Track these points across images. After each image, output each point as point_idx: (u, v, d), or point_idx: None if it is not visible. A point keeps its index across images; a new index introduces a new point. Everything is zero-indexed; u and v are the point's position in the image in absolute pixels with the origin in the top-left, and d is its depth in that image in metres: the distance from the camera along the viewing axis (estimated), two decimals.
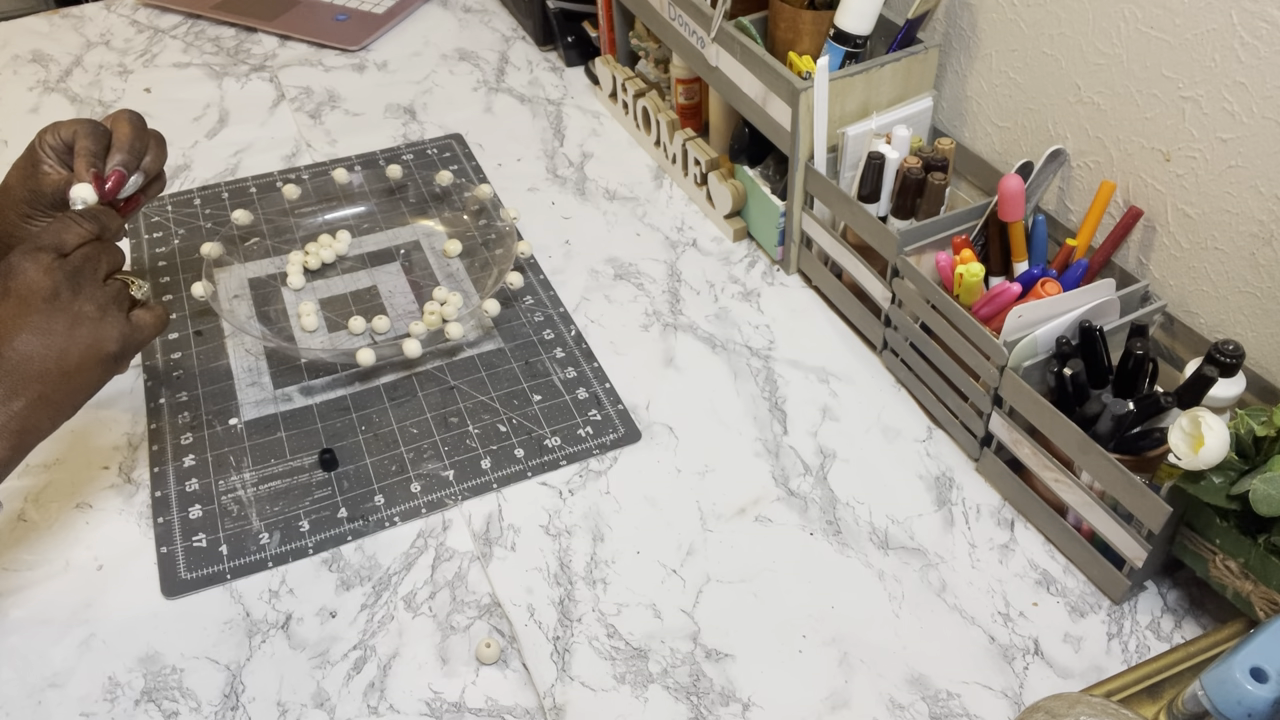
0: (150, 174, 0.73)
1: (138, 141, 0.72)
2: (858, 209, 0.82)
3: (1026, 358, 0.70)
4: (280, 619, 0.68)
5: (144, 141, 0.73)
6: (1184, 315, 0.75)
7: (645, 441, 0.80)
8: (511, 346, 0.88)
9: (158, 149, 0.74)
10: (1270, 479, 0.57)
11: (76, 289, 0.62)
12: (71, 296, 0.62)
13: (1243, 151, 0.67)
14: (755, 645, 0.67)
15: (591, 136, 1.13)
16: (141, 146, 0.72)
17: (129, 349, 0.65)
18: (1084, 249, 0.76)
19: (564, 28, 1.23)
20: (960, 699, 0.64)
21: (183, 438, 0.80)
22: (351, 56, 1.28)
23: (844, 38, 0.86)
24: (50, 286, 0.61)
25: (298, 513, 0.74)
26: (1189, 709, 0.56)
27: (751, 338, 0.89)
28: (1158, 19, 0.70)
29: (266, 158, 1.10)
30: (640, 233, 1.00)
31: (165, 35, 1.32)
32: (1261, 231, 0.68)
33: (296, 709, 0.64)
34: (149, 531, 0.73)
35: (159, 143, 0.74)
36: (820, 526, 0.74)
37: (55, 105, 1.18)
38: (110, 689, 0.64)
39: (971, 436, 0.77)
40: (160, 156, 0.74)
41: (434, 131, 1.14)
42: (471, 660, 0.66)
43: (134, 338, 0.65)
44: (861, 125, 0.85)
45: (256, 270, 0.94)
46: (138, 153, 0.72)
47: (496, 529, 0.74)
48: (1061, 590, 0.70)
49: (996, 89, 0.86)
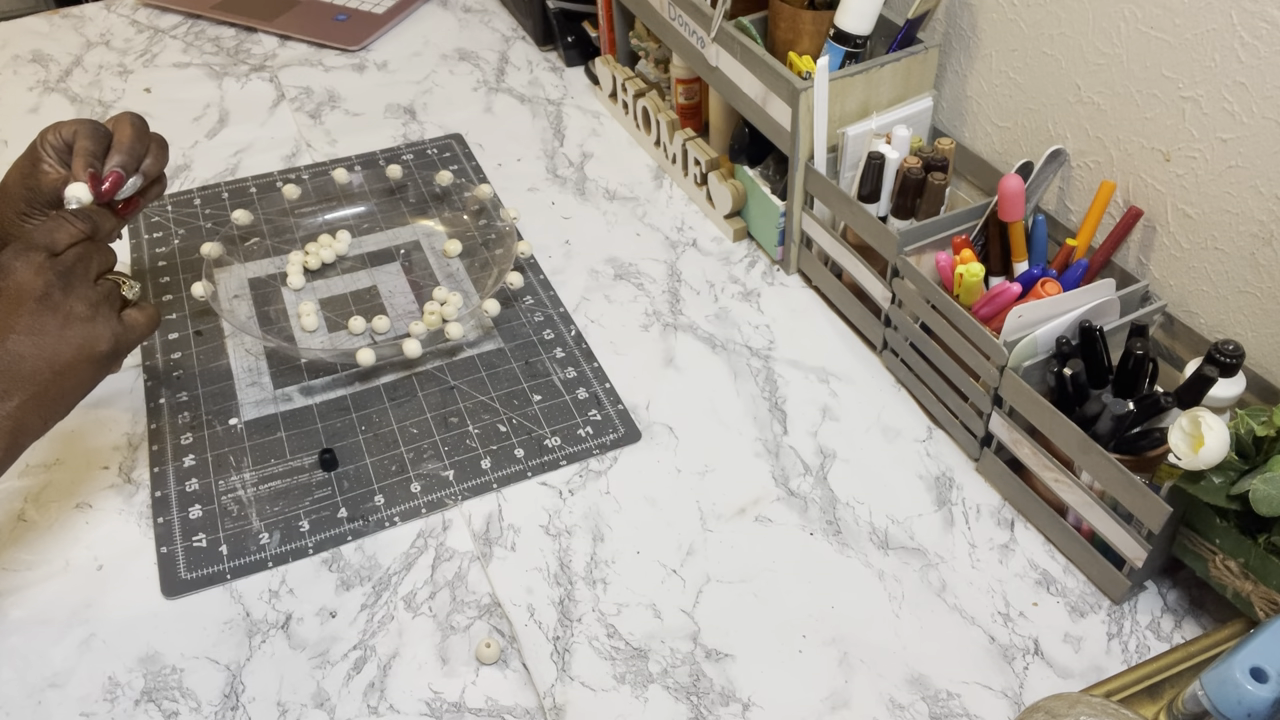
0: (150, 176, 0.73)
1: (138, 144, 0.72)
2: (858, 209, 0.82)
3: (1026, 358, 0.70)
4: (280, 619, 0.68)
5: (144, 144, 0.73)
6: (1184, 315, 0.75)
7: (645, 441, 0.80)
8: (511, 346, 0.88)
9: (158, 152, 0.74)
10: (1270, 479, 0.57)
11: (68, 288, 0.62)
12: (63, 296, 0.62)
13: (1243, 151, 0.67)
14: (755, 645, 0.67)
15: (591, 136, 1.13)
16: (142, 149, 0.72)
17: (121, 349, 0.65)
18: (1084, 249, 0.76)
19: (564, 28, 1.23)
20: (960, 699, 0.64)
21: (183, 438, 0.80)
22: (351, 56, 1.28)
23: (844, 38, 0.86)
24: (41, 286, 0.61)
25: (298, 513, 0.74)
26: (1189, 709, 0.56)
27: (751, 338, 0.89)
28: (1158, 19, 0.70)
29: (266, 158, 1.10)
30: (640, 233, 1.00)
31: (165, 35, 1.32)
32: (1261, 231, 0.68)
33: (296, 709, 0.64)
34: (149, 531, 0.73)
35: (160, 146, 0.74)
36: (820, 526, 0.74)
37: (55, 105, 1.18)
38: (110, 689, 0.64)
39: (971, 436, 0.77)
40: (161, 160, 0.74)
41: (434, 131, 1.14)
42: (471, 660, 0.66)
43: (126, 337, 0.65)
44: (861, 125, 0.85)
45: (256, 270, 0.94)
46: (137, 155, 0.72)
47: (496, 529, 0.74)
48: (1061, 590, 0.70)
49: (996, 89, 0.86)
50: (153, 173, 0.73)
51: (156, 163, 0.73)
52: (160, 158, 0.74)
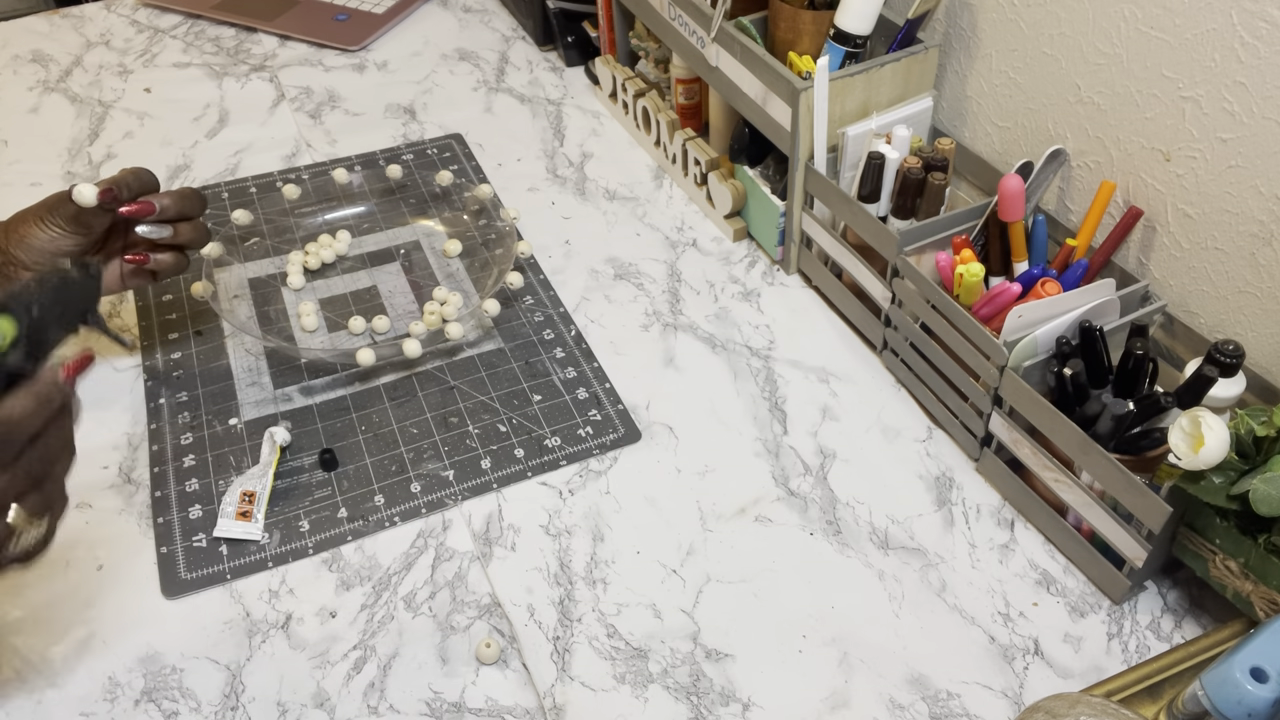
0: (167, 213, 0.77)
1: (169, 199, 0.77)
2: (858, 209, 0.82)
3: (1026, 358, 0.70)
4: (280, 619, 0.68)
5: (177, 198, 0.77)
6: (1184, 315, 0.75)
7: (645, 441, 0.80)
8: (511, 346, 0.88)
9: (182, 201, 0.78)
10: (1270, 479, 0.57)
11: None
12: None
13: (1243, 151, 0.67)
14: (755, 645, 0.67)
15: (591, 136, 1.13)
16: (170, 201, 0.77)
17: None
18: (1084, 249, 0.76)
19: (564, 28, 1.23)
20: (960, 699, 0.64)
21: (183, 438, 0.80)
22: (351, 56, 1.28)
23: (844, 38, 0.86)
24: None
25: (298, 513, 0.74)
26: (1189, 709, 0.56)
27: (751, 338, 0.89)
28: (1158, 19, 0.70)
29: (266, 158, 1.10)
30: (640, 233, 1.00)
31: (165, 35, 1.32)
32: (1261, 231, 0.68)
33: (296, 709, 0.64)
34: (149, 531, 0.73)
35: (188, 199, 0.78)
36: (820, 526, 0.74)
37: (55, 105, 1.18)
38: (110, 689, 0.64)
39: (971, 436, 0.77)
40: (185, 203, 0.78)
41: (434, 131, 1.14)
42: (471, 660, 0.66)
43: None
44: (861, 125, 0.85)
45: (256, 270, 0.94)
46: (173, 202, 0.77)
47: (496, 529, 0.74)
48: (1061, 590, 0.70)
49: (996, 89, 0.86)
50: (171, 211, 0.77)
51: (178, 204, 0.77)
52: (186, 204, 0.78)
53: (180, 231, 0.79)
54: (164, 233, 0.78)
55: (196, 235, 0.80)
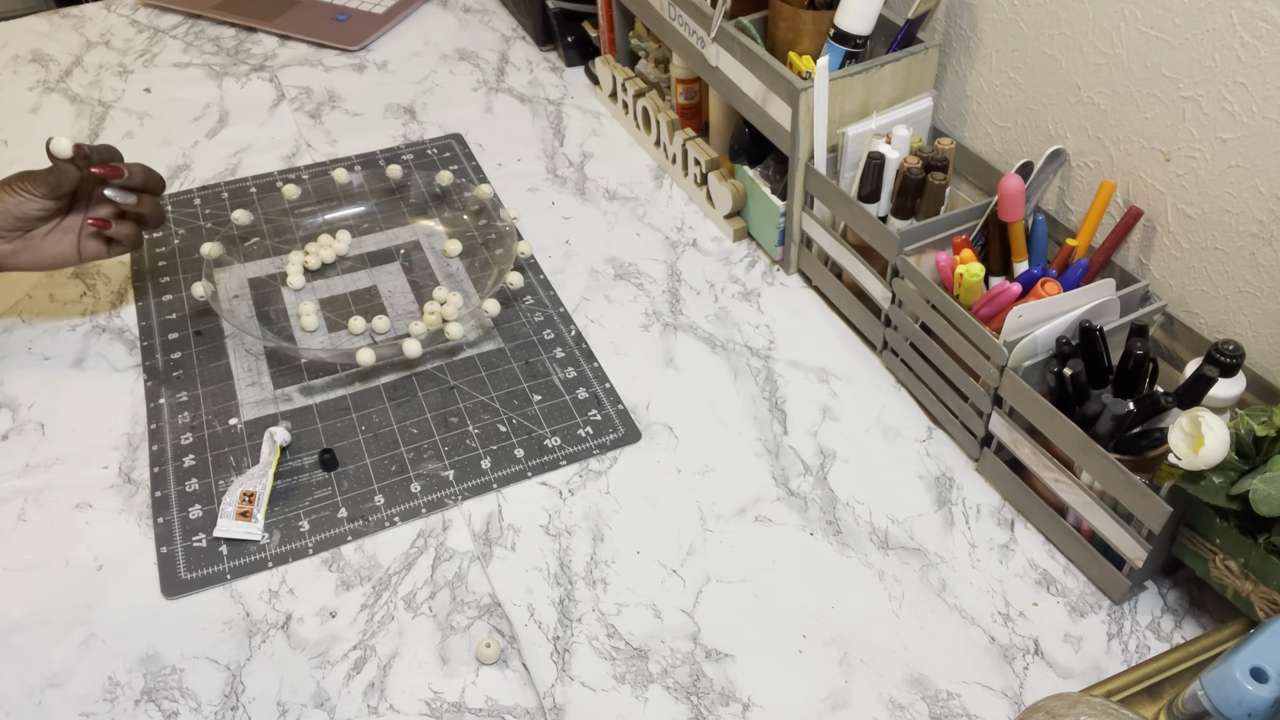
0: (133, 179, 0.81)
1: (136, 167, 0.82)
2: (858, 209, 0.82)
3: (1026, 358, 0.70)
4: (280, 619, 0.68)
5: (142, 169, 0.83)
6: (1184, 315, 0.75)
7: (645, 441, 0.80)
8: (511, 346, 0.88)
9: (147, 174, 0.83)
10: (1270, 479, 0.57)
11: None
12: None
13: (1243, 151, 0.67)
14: (755, 645, 0.67)
15: (591, 136, 1.13)
16: (136, 169, 0.82)
17: None
18: (1084, 249, 0.76)
19: (564, 28, 1.23)
20: (960, 699, 0.64)
21: (183, 438, 0.80)
22: (351, 56, 1.28)
23: (844, 38, 0.86)
24: None
25: (298, 513, 0.74)
26: (1189, 709, 0.56)
27: (751, 338, 0.89)
28: (1158, 19, 0.70)
29: (266, 158, 1.10)
30: (640, 233, 1.00)
31: (165, 35, 1.32)
32: (1261, 231, 0.68)
33: (296, 709, 0.64)
34: (149, 531, 0.73)
35: (151, 174, 0.83)
36: (820, 526, 0.74)
37: (55, 105, 1.18)
38: (110, 689, 0.65)
39: (971, 436, 0.77)
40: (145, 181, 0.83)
41: (434, 131, 1.14)
42: (471, 660, 0.66)
43: None
44: (861, 125, 0.85)
45: (256, 270, 0.94)
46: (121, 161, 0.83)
47: (496, 529, 0.74)
48: (1061, 590, 0.70)
49: (996, 89, 0.86)
50: (138, 179, 0.82)
51: (142, 176, 0.82)
52: (150, 178, 0.83)
53: (143, 201, 0.83)
54: (129, 199, 0.82)
55: (155, 210, 0.85)
